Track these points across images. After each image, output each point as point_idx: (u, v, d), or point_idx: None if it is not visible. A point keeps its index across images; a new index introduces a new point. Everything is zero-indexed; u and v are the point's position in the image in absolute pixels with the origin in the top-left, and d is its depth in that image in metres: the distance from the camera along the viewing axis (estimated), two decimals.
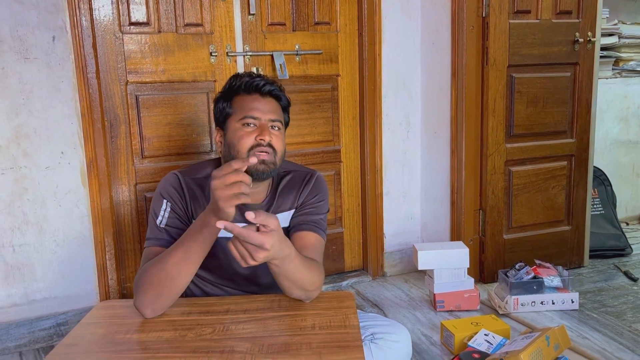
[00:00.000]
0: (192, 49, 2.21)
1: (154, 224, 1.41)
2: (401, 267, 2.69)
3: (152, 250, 1.37)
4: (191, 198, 1.43)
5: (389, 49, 2.51)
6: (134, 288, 1.29)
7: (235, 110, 1.42)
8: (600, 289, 2.40)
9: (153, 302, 1.26)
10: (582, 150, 2.60)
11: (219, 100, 1.47)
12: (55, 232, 2.04)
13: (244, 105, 1.41)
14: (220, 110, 1.46)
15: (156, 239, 1.38)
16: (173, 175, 1.47)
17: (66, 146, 2.02)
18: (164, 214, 1.40)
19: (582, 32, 2.48)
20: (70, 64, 1.99)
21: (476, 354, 1.69)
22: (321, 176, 1.56)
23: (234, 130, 1.40)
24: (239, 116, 1.40)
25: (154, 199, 1.45)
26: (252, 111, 1.40)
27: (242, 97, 1.43)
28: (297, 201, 1.51)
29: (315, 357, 1.07)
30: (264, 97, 1.43)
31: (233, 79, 1.47)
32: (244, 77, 1.45)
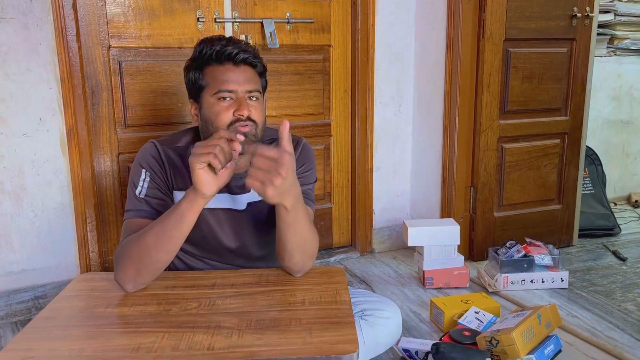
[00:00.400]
0: (179, 14, 2.11)
1: (133, 195, 1.34)
2: (390, 243, 2.66)
3: (133, 222, 1.31)
4: (171, 167, 1.37)
5: (382, 19, 2.43)
6: (115, 262, 1.23)
7: (208, 83, 1.32)
8: (589, 268, 2.39)
9: (134, 278, 1.20)
10: (576, 129, 2.56)
11: (190, 70, 1.36)
12: (34, 202, 1.96)
13: (217, 77, 1.31)
14: (192, 82, 1.35)
15: (136, 210, 1.32)
16: (151, 145, 1.40)
17: (45, 112, 1.93)
18: (143, 184, 1.34)
19: (580, 7, 2.42)
20: (49, 26, 1.89)
21: (466, 332, 1.67)
22: (308, 144, 1.49)
23: (209, 105, 1.31)
24: (213, 90, 1.31)
25: (132, 169, 1.38)
26: (227, 84, 1.30)
27: (214, 68, 1.32)
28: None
29: (306, 333, 1.02)
30: (237, 66, 1.32)
31: (202, 45, 1.34)
32: (214, 43, 1.32)
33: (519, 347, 1.48)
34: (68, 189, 2.01)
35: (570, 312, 1.97)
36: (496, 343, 1.52)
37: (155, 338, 1.02)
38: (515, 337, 1.48)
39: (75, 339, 1.04)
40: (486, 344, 1.55)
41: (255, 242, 1.45)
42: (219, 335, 1.02)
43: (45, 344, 1.02)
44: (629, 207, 3.34)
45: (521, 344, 1.49)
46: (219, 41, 1.33)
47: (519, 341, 1.49)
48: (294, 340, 1.00)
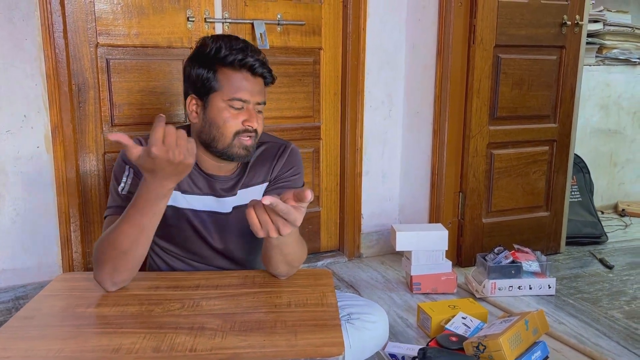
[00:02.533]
0: (168, 13, 2.09)
1: (114, 192, 1.31)
2: (378, 248, 2.65)
3: (112, 220, 1.27)
4: None
5: (374, 23, 2.43)
6: (93, 261, 1.20)
7: (221, 87, 1.29)
8: (576, 276, 2.39)
9: (112, 276, 1.17)
10: (564, 136, 2.57)
11: (198, 65, 1.32)
12: (16, 200, 1.93)
13: (233, 84, 1.29)
14: (201, 79, 1.31)
15: (117, 207, 1.29)
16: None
17: (29, 109, 1.90)
18: (126, 180, 1.31)
19: (570, 14, 2.44)
20: (35, 21, 1.86)
21: (454, 337, 1.65)
22: (296, 148, 1.48)
23: (219, 109, 1.30)
24: (226, 95, 1.29)
25: (115, 166, 1.36)
26: (242, 92, 1.29)
27: (229, 73, 1.29)
28: (271, 174, 1.43)
29: (291, 335, 1.00)
30: (254, 77, 1.31)
31: (219, 44, 1.30)
32: (233, 46, 1.29)
33: (506, 352, 1.47)
34: (52, 187, 1.97)
35: (557, 318, 1.96)
36: (483, 349, 1.51)
37: (136, 339, 0.99)
38: (503, 343, 1.47)
39: (54, 340, 1.01)
40: (473, 350, 1.53)
41: (240, 247, 1.43)
42: (202, 337, 1.00)
43: (22, 344, 0.98)
44: (616, 216, 3.36)
45: (508, 350, 1.48)
46: (238, 46, 1.29)
47: (506, 347, 1.47)
48: (279, 342, 0.98)
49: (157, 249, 1.46)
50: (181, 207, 1.38)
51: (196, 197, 1.38)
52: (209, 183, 1.39)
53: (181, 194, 1.37)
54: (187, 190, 1.38)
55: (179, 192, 1.37)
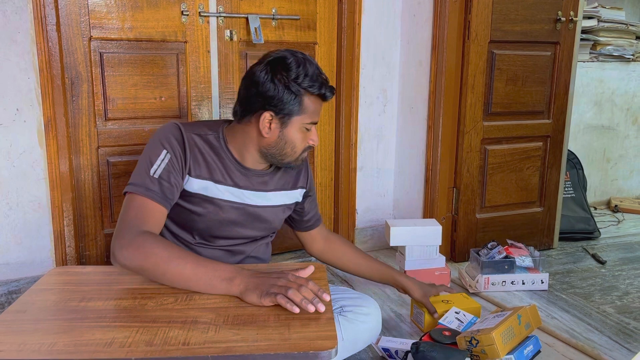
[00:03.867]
0: (162, 6, 2.08)
1: (145, 171, 1.31)
2: (372, 243, 2.65)
3: (140, 202, 1.28)
4: (191, 153, 1.37)
5: (368, 18, 2.42)
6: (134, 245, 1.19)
7: (305, 111, 1.38)
8: (568, 271, 2.41)
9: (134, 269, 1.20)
10: (558, 132, 2.58)
11: (283, 88, 1.34)
12: (8, 194, 1.92)
13: (313, 110, 1.39)
14: (286, 101, 1.35)
15: (146, 188, 1.29)
16: (174, 126, 1.39)
17: (22, 102, 1.89)
18: (160, 164, 1.32)
19: (564, 10, 2.44)
20: (27, 14, 1.85)
21: (447, 332, 1.66)
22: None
23: (297, 130, 1.39)
24: (307, 119, 1.39)
25: (150, 145, 1.36)
26: (317, 117, 1.41)
27: (314, 101, 1.39)
28: (305, 181, 1.59)
29: (284, 329, 1.01)
30: (325, 102, 1.44)
31: (300, 68, 1.36)
32: (315, 76, 1.37)
33: (498, 347, 1.48)
34: (45, 181, 1.96)
35: (549, 313, 1.97)
36: (476, 343, 1.51)
37: (129, 333, 0.99)
38: (495, 337, 1.48)
39: (46, 333, 1.01)
40: (466, 344, 1.54)
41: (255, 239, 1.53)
42: (195, 331, 1.00)
43: (14, 337, 0.98)
44: (609, 212, 3.38)
45: (501, 344, 1.48)
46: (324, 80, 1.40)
47: (498, 341, 1.48)
48: (272, 336, 0.98)
49: (166, 232, 1.46)
50: (211, 196, 1.41)
51: (228, 188, 1.42)
52: (244, 176, 1.44)
53: (214, 183, 1.40)
54: (221, 181, 1.41)
55: (212, 182, 1.40)
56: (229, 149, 1.43)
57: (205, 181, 1.39)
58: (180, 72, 2.15)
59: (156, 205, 1.29)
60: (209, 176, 1.39)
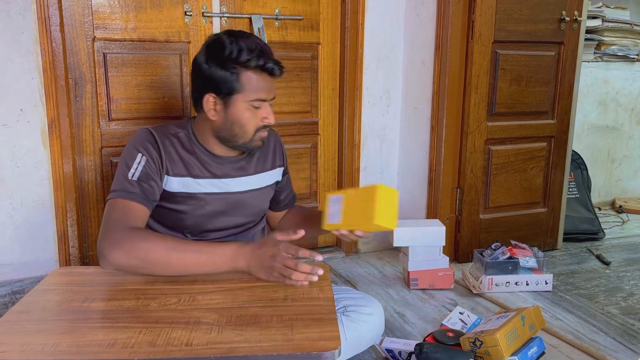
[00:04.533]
0: (166, 7, 2.08)
1: (123, 177, 1.34)
2: (375, 244, 2.65)
3: (121, 203, 1.30)
4: (166, 153, 1.39)
5: (372, 18, 2.42)
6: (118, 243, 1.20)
7: (244, 88, 1.34)
8: (573, 272, 2.40)
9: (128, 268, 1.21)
10: (562, 132, 2.57)
11: (218, 66, 1.34)
12: (12, 194, 1.92)
13: (256, 86, 1.35)
14: (223, 80, 1.34)
15: (126, 191, 1.32)
16: (146, 131, 1.41)
17: (26, 103, 1.89)
18: (137, 167, 1.34)
19: (568, 10, 2.43)
20: (31, 14, 1.85)
21: (450, 333, 1.66)
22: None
23: (241, 109, 1.36)
24: (249, 97, 1.35)
25: (126, 153, 1.38)
26: (263, 93, 1.36)
27: (252, 76, 1.34)
28: (281, 160, 1.60)
29: (287, 329, 1.00)
30: (274, 78, 1.38)
31: (234, 45, 1.33)
32: (251, 48, 1.33)
33: (502, 348, 1.47)
34: (48, 182, 1.97)
35: (554, 314, 1.96)
36: (480, 344, 1.51)
37: (132, 333, 0.99)
38: (499, 338, 1.47)
39: (49, 334, 1.01)
40: (470, 345, 1.54)
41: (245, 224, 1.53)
42: (198, 331, 1.00)
43: (17, 338, 0.98)
44: (613, 212, 3.36)
45: (505, 345, 1.48)
46: (258, 49, 1.33)
47: (502, 342, 1.48)
48: (275, 337, 0.98)
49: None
50: (194, 192, 1.41)
51: (209, 181, 1.42)
52: (221, 165, 1.44)
53: (193, 179, 1.40)
54: (200, 175, 1.42)
55: (191, 178, 1.41)
56: (199, 142, 1.43)
57: (185, 178, 1.40)
58: (184, 73, 2.15)
59: (138, 206, 1.32)
60: (187, 173, 1.40)
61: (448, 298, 2.10)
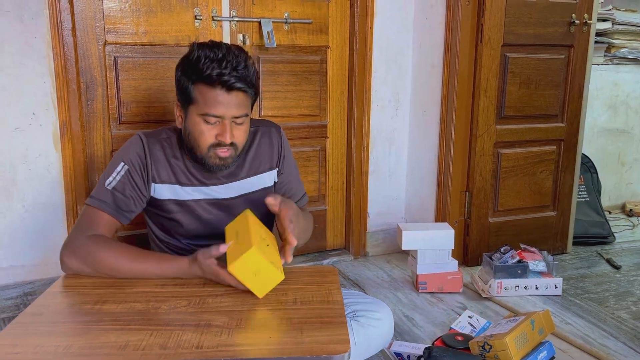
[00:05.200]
0: (176, 11, 2.10)
1: (102, 183, 1.36)
2: (384, 247, 2.64)
3: (91, 212, 1.33)
4: (153, 160, 1.38)
5: (381, 22, 2.42)
6: (74, 249, 1.27)
7: (196, 100, 1.29)
8: (583, 276, 2.38)
9: (83, 273, 1.27)
10: (572, 136, 2.56)
11: (181, 73, 1.32)
12: (24, 197, 1.94)
13: (207, 100, 1.27)
14: (183, 89, 1.31)
15: (99, 200, 1.34)
16: (137, 138, 1.40)
17: (38, 107, 1.91)
18: (116, 175, 1.35)
19: (578, 13, 2.42)
20: (44, 19, 1.87)
21: (459, 337, 1.65)
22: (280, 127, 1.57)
23: (194, 122, 1.31)
24: (200, 110, 1.28)
25: (113, 158, 1.40)
26: (215, 109, 1.27)
27: (203, 88, 1.27)
28: (277, 161, 1.52)
29: (297, 332, 1.01)
30: (229, 93, 1.27)
31: (200, 55, 1.26)
32: (212, 61, 1.25)
33: (512, 352, 1.47)
34: (60, 184, 1.99)
35: (563, 319, 1.95)
36: (489, 348, 1.50)
37: (143, 336, 1.00)
38: (509, 343, 1.47)
39: (62, 336, 1.02)
40: (479, 349, 1.53)
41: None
42: (208, 334, 1.00)
43: (30, 340, 0.99)
44: (624, 216, 3.34)
45: (514, 350, 1.47)
46: (218, 60, 1.25)
47: (512, 347, 1.47)
48: (285, 340, 0.98)
49: (159, 243, 1.49)
50: (182, 199, 1.41)
51: (196, 188, 1.42)
52: (208, 172, 1.41)
53: (180, 186, 1.40)
54: (186, 183, 1.41)
55: (178, 186, 1.40)
56: (187, 147, 1.39)
57: (172, 185, 1.39)
58: None
59: (106, 216, 1.33)
60: (174, 180, 1.39)
61: (457, 302, 2.09)
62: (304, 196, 1.63)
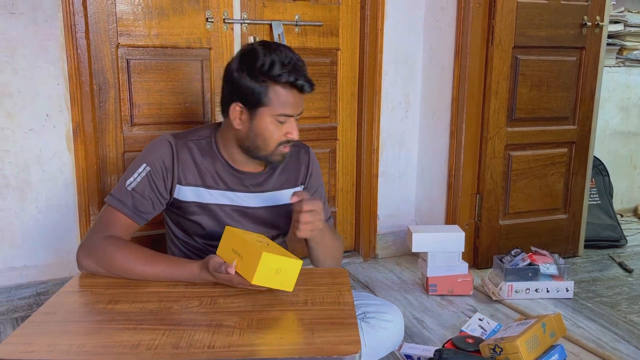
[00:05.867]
0: (188, 14, 2.12)
1: (122, 183, 1.37)
2: (393, 249, 2.64)
3: (111, 213, 1.35)
4: (180, 161, 1.40)
5: (391, 24, 2.43)
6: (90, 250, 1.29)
7: (271, 102, 1.33)
8: (594, 279, 2.37)
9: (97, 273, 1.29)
10: (583, 138, 2.55)
11: (248, 77, 1.33)
12: (38, 197, 1.96)
13: (282, 101, 1.33)
14: (251, 91, 1.33)
15: (118, 200, 1.36)
16: (162, 139, 1.42)
17: (51, 108, 1.93)
18: (137, 177, 1.37)
19: (590, 15, 2.41)
20: (58, 22, 1.89)
21: (470, 339, 1.65)
22: (311, 150, 1.61)
23: (265, 122, 1.35)
24: (275, 111, 1.33)
25: (136, 159, 1.41)
26: (290, 109, 1.35)
27: (280, 91, 1.32)
28: (304, 178, 1.55)
29: (308, 333, 1.01)
30: (302, 93, 1.35)
31: (267, 57, 1.31)
32: (283, 63, 1.31)
33: (522, 355, 1.46)
34: (73, 185, 2.00)
35: (575, 322, 1.94)
36: (500, 351, 1.50)
37: (155, 335, 1.01)
38: (520, 346, 1.46)
39: (75, 335, 1.03)
40: (489, 352, 1.53)
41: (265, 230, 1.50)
42: (219, 334, 1.01)
43: (44, 338, 1.00)
44: (635, 219, 3.31)
45: (525, 353, 1.47)
46: (291, 65, 1.32)
47: (523, 350, 1.47)
48: (296, 340, 0.99)
49: (177, 242, 1.50)
50: (206, 202, 1.42)
51: (222, 192, 1.43)
52: (237, 179, 1.44)
53: (206, 189, 1.41)
54: (213, 186, 1.42)
55: (204, 188, 1.41)
56: (220, 152, 1.43)
57: (197, 188, 1.41)
58: (205, 79, 2.18)
59: (123, 217, 1.35)
60: (200, 182, 1.41)
61: (467, 304, 2.09)
62: (329, 219, 1.61)
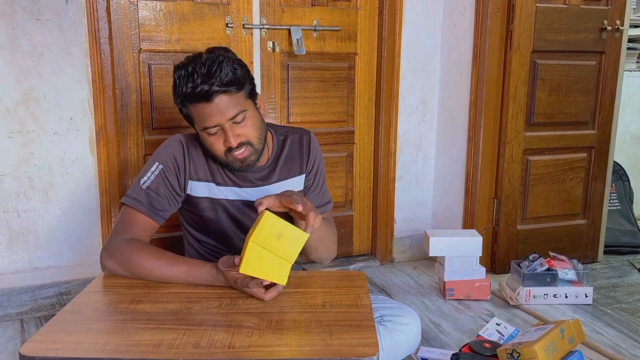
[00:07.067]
0: (208, 19, 2.15)
1: (137, 182, 1.40)
2: (410, 253, 2.64)
3: (129, 213, 1.37)
4: (191, 158, 1.42)
5: (409, 29, 2.43)
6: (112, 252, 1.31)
7: (195, 120, 1.34)
8: (614, 285, 2.34)
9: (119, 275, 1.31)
10: (603, 143, 2.52)
11: (176, 101, 1.36)
12: (62, 199, 2.00)
13: (199, 117, 1.31)
14: (184, 115, 1.38)
15: (134, 199, 1.38)
16: (174, 138, 1.45)
17: (75, 112, 1.98)
18: (150, 175, 1.39)
19: (610, 20, 2.39)
20: (82, 28, 1.94)
21: (487, 344, 1.65)
22: (313, 134, 1.59)
23: (202, 137, 1.37)
24: (199, 126, 1.34)
25: (149, 159, 1.44)
26: (207, 121, 1.30)
27: (192, 108, 1.32)
28: (306, 167, 1.54)
29: (326, 335, 1.03)
30: (211, 101, 1.28)
31: (178, 80, 1.31)
32: (187, 81, 1.28)
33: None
34: (95, 187, 2.05)
35: (594, 328, 1.93)
36: (517, 356, 1.50)
37: (176, 335, 1.03)
38: (538, 351, 1.46)
39: (99, 333, 1.06)
40: (507, 357, 1.52)
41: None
42: (239, 334, 1.03)
43: (69, 336, 1.03)
44: None
45: (543, 358, 1.46)
46: (187, 76, 1.28)
47: (541, 355, 1.46)
48: (314, 342, 1.00)
49: (193, 242, 1.52)
50: (217, 197, 1.45)
51: (230, 189, 1.45)
52: (242, 175, 1.46)
53: (216, 185, 1.44)
54: (221, 183, 1.45)
55: (214, 184, 1.44)
56: None
57: (208, 183, 1.44)
58: None
59: (141, 217, 1.37)
60: (211, 178, 1.44)
61: (484, 309, 2.08)
62: (328, 203, 1.60)
